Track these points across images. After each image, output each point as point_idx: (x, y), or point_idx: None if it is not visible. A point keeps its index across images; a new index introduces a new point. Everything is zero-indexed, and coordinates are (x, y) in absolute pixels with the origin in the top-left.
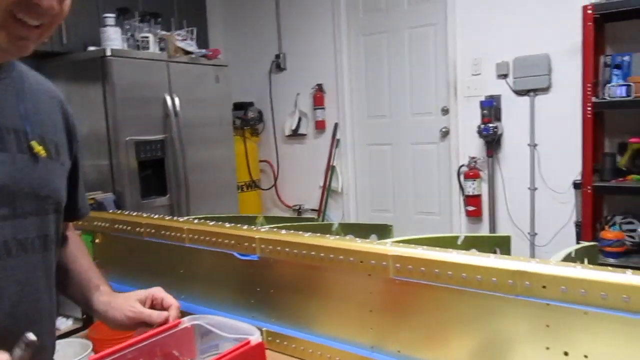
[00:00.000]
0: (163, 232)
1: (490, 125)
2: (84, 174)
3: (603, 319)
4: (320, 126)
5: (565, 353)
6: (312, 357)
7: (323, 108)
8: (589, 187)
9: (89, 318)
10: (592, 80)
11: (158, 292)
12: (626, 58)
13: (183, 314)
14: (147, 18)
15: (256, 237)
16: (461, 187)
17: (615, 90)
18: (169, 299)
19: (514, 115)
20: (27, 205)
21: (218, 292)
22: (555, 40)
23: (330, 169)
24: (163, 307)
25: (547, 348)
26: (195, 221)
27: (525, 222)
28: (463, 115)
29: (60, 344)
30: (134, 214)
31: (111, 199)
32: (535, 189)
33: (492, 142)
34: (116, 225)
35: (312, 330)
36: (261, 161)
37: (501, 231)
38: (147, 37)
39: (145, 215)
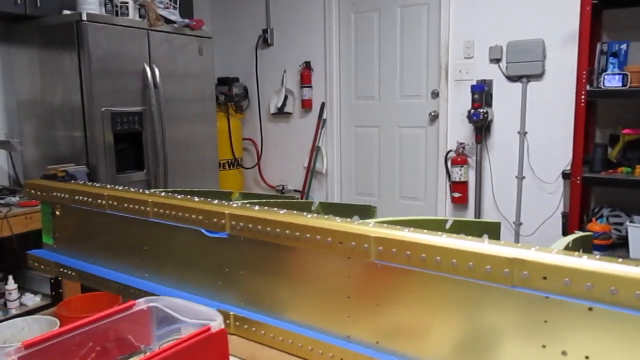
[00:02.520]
0: (126, 204)
1: (481, 110)
2: (57, 145)
3: (610, 317)
4: (306, 105)
5: (564, 352)
6: (283, 345)
7: (310, 87)
8: (578, 178)
9: (57, 295)
10: (587, 68)
11: None
12: (623, 46)
13: (146, 295)
14: None
15: (226, 212)
16: (448, 173)
17: (611, 79)
18: None
19: (505, 101)
20: None
21: (184, 272)
22: (551, 25)
23: (315, 150)
24: None
25: (544, 346)
26: (162, 194)
27: (511, 211)
28: (453, 100)
29: (26, 320)
30: (97, 185)
31: (84, 172)
32: (523, 177)
33: (482, 127)
34: (76, 197)
35: (283, 316)
36: (244, 139)
37: (486, 219)
38: (126, 3)
39: (109, 186)
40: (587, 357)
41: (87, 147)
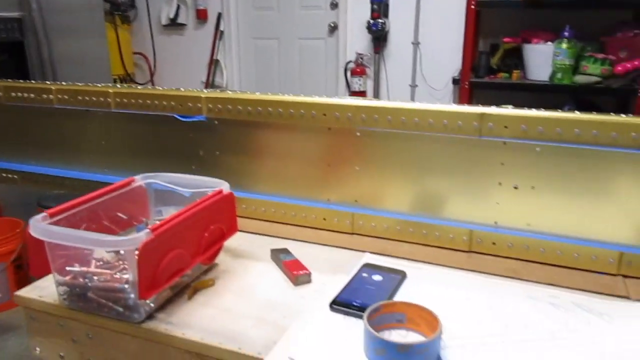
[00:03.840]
0: (81, 97)
1: (379, 20)
2: None
3: (552, 153)
4: (201, 16)
5: (515, 187)
6: (266, 215)
7: None
8: (466, 83)
9: None
10: None
11: None
12: None
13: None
14: None
15: (202, 96)
16: (347, 84)
17: None
18: None
19: (401, 12)
20: None
21: (153, 161)
22: None
23: (213, 64)
24: None
25: (500, 184)
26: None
27: None
28: (352, 10)
29: None
30: (33, 81)
31: None
32: (416, 86)
33: (380, 38)
34: (14, 94)
35: (266, 191)
36: (135, 53)
37: None
38: None
39: (48, 82)
40: (533, 187)
41: None
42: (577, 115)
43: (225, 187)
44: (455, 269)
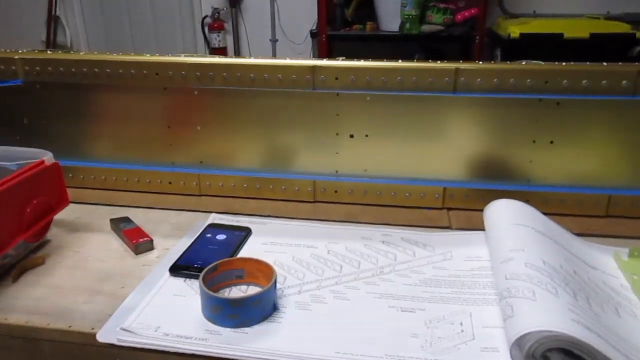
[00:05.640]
0: None
1: None
2: None
3: (380, 101)
4: None
5: (351, 136)
6: (105, 183)
7: None
8: (323, 36)
9: None
10: None
11: None
12: None
13: None
14: None
15: (16, 57)
16: (206, 40)
17: None
18: None
19: None
20: None
21: None
22: None
23: (53, 20)
24: None
25: (337, 134)
26: None
27: None
28: None
29: None
30: None
31: None
32: (277, 40)
33: None
34: None
35: (102, 158)
36: None
37: None
38: None
39: None
40: (366, 135)
41: None
42: (398, 64)
43: (47, 157)
44: (300, 219)
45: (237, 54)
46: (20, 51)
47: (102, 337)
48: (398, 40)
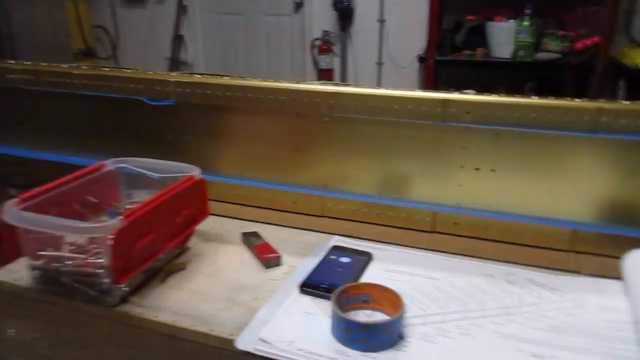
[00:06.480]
0: (44, 78)
1: None
2: None
3: (511, 136)
4: None
5: (477, 169)
6: (238, 198)
7: None
8: (431, 61)
9: None
10: None
11: None
12: None
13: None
14: None
15: (171, 80)
16: (314, 61)
17: None
18: None
19: None
20: None
21: (117, 143)
22: None
23: (177, 39)
24: None
25: (462, 166)
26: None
27: None
28: None
29: None
30: None
31: None
32: (382, 63)
33: (346, 15)
34: None
35: (236, 174)
36: (95, 27)
37: None
38: None
39: (10, 61)
40: (493, 170)
41: None
42: (534, 100)
43: (196, 172)
44: (419, 249)
45: (344, 75)
46: (172, 74)
47: (242, 344)
48: (509, 67)
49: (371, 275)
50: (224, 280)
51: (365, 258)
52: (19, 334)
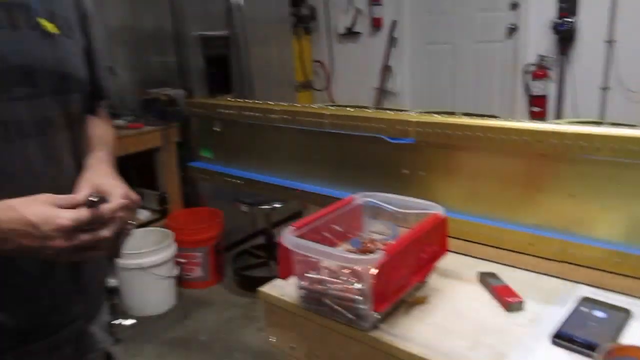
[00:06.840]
0: (300, 118)
1: (567, 19)
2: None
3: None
4: (376, 24)
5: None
6: (470, 235)
7: (380, 4)
8: None
9: (164, 210)
10: None
11: (111, 187)
12: None
13: (323, 198)
14: None
15: (412, 120)
16: (526, 87)
17: None
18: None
19: (593, 8)
20: (47, 84)
21: (356, 176)
22: None
23: (385, 70)
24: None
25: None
26: (332, 107)
27: None
28: (536, 10)
29: (144, 231)
30: (260, 101)
31: (182, 95)
32: (608, 88)
33: (566, 38)
34: (245, 112)
35: (469, 212)
36: (314, 61)
37: None
38: None
39: (271, 102)
40: None
41: (183, 71)
42: None
43: (440, 210)
44: None
45: (560, 101)
46: (411, 113)
47: None
48: None
49: (632, 335)
50: (465, 319)
51: (622, 314)
52: (279, 342)
